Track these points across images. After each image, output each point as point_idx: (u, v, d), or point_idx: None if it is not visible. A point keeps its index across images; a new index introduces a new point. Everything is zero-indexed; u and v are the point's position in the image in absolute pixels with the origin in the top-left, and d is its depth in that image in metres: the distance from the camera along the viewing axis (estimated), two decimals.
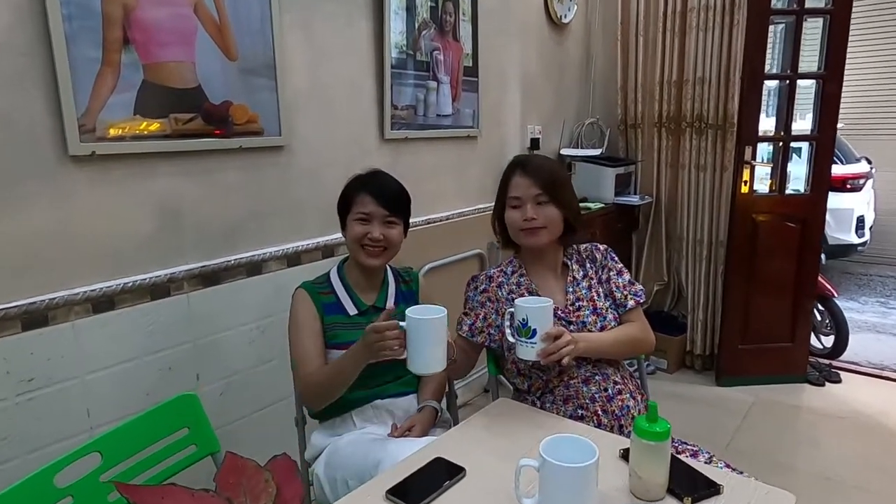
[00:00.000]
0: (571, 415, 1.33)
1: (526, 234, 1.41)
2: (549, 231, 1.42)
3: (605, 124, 3.37)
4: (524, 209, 1.40)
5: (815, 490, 2.18)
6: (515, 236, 1.45)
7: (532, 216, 1.39)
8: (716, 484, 0.98)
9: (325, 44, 1.94)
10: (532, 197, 1.40)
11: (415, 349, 1.12)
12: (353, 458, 1.28)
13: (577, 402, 1.35)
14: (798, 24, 2.67)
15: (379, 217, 1.40)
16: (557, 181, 1.43)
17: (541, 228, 1.40)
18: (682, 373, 3.20)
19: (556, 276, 1.49)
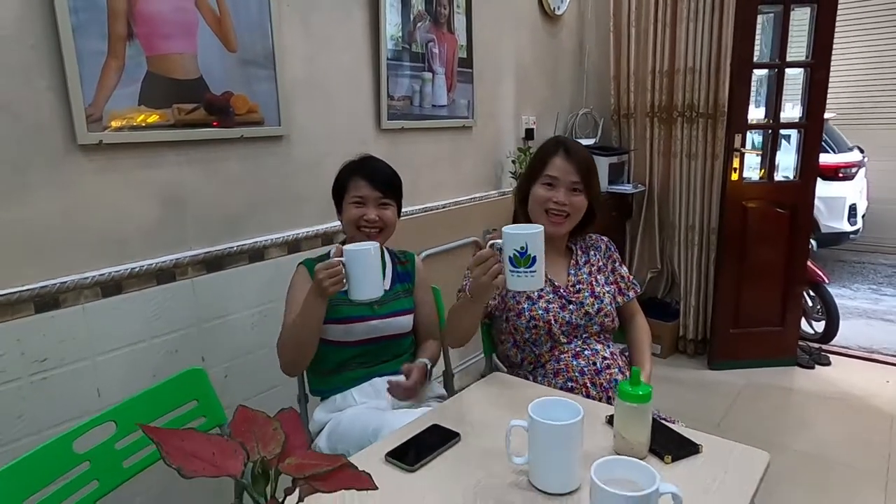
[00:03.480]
0: (562, 387, 1.40)
1: (552, 218, 1.45)
2: (572, 219, 1.47)
3: (599, 114, 3.43)
4: (557, 192, 1.44)
5: (803, 466, 2.25)
6: (537, 214, 1.48)
7: (564, 202, 1.44)
8: (695, 444, 1.05)
9: (322, 35, 1.99)
10: (569, 183, 1.44)
11: (352, 279, 1.22)
12: (353, 429, 1.34)
13: (567, 375, 1.41)
14: (786, 13, 2.72)
15: (373, 200, 1.46)
16: (593, 171, 1.48)
17: (567, 217, 1.45)
18: (675, 357, 3.27)
19: (560, 257, 1.55)
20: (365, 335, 1.45)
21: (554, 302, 1.47)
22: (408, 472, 1.01)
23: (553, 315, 1.45)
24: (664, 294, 3.45)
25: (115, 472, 1.06)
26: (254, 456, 0.63)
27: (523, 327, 1.46)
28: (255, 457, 0.63)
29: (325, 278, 1.23)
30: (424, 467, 1.02)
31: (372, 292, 1.23)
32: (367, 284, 1.22)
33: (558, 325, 1.46)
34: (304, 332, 1.34)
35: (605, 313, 1.51)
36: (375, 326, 1.46)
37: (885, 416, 2.58)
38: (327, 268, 1.23)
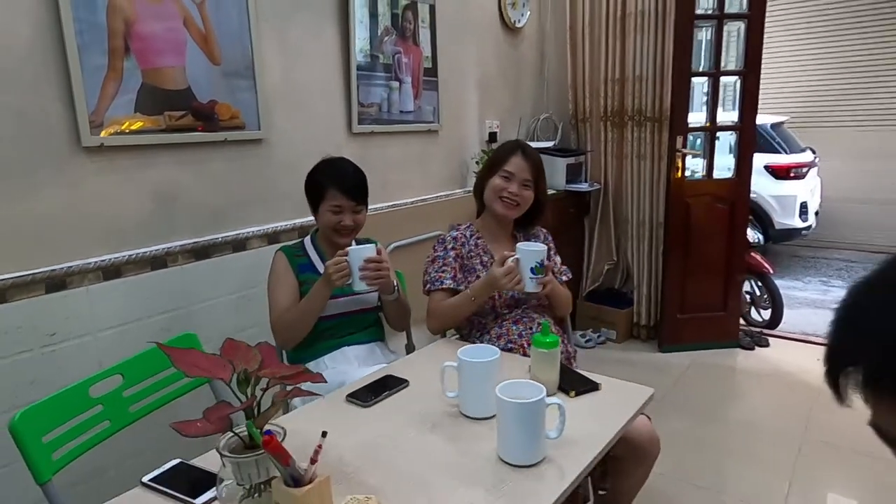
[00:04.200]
0: (503, 348, 1.64)
1: (504, 203, 1.73)
2: (521, 208, 1.76)
3: (558, 118, 3.70)
4: (512, 184, 1.73)
5: (738, 433, 2.53)
6: (492, 200, 1.76)
7: (517, 193, 1.72)
8: (595, 382, 1.30)
9: (297, 49, 2.23)
10: (522, 179, 1.73)
11: (355, 273, 1.52)
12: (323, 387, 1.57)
13: (508, 338, 1.67)
14: (719, 27, 3.02)
15: (349, 208, 1.70)
16: (542, 173, 1.80)
17: (516, 206, 1.74)
18: (629, 342, 3.55)
19: (507, 241, 1.81)
20: (335, 310, 1.69)
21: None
22: (363, 407, 1.25)
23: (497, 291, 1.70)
24: (620, 285, 3.73)
25: (123, 415, 1.29)
26: (239, 368, 0.87)
27: None
28: (239, 369, 0.87)
29: (334, 272, 1.50)
30: (377, 404, 1.27)
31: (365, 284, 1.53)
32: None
33: (501, 299, 1.71)
34: (309, 316, 1.60)
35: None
36: (345, 302, 1.70)
37: (811, 388, 2.87)
38: (336, 264, 1.51)
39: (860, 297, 0.47)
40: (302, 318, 1.61)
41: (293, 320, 1.61)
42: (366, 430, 1.18)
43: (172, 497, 0.96)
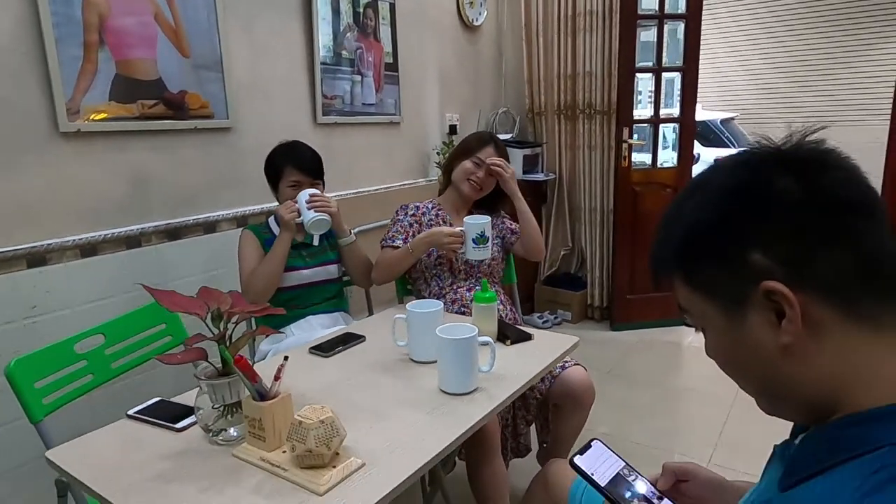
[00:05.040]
0: (456, 311, 1.83)
1: (471, 185, 1.93)
2: (482, 192, 1.97)
3: (516, 112, 3.91)
4: (481, 170, 1.93)
5: (674, 396, 2.76)
6: (461, 180, 1.95)
7: (483, 179, 1.92)
8: (529, 333, 1.49)
9: (263, 44, 2.37)
10: (494, 167, 1.92)
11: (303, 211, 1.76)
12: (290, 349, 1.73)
13: (461, 303, 1.85)
14: (660, 27, 3.25)
15: (306, 183, 1.86)
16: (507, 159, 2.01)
17: (481, 189, 1.94)
18: (584, 323, 3.77)
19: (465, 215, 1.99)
20: (300, 281, 1.85)
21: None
22: (324, 357, 1.42)
23: (455, 256, 1.89)
24: (576, 269, 3.95)
25: (105, 370, 1.43)
26: (212, 307, 1.03)
27: (432, 265, 1.90)
28: (213, 307, 1.03)
29: (285, 212, 1.75)
30: (337, 355, 1.43)
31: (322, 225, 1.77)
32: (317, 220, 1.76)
33: (458, 263, 1.90)
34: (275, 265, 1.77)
35: (493, 258, 1.95)
36: (308, 274, 1.86)
37: None
38: (286, 207, 1.75)
39: (670, 207, 0.65)
40: (269, 268, 1.75)
41: (261, 272, 1.76)
42: (326, 375, 1.34)
43: (155, 424, 1.11)
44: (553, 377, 1.73)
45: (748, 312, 0.57)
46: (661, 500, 0.80)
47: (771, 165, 0.57)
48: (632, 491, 0.79)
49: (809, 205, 0.54)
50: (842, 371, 0.54)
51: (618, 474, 0.81)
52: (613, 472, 0.81)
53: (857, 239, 0.54)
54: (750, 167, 0.58)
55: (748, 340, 0.58)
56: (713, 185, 0.60)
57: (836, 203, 0.54)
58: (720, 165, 0.61)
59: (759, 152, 0.59)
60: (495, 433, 1.56)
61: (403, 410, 1.15)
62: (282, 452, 0.97)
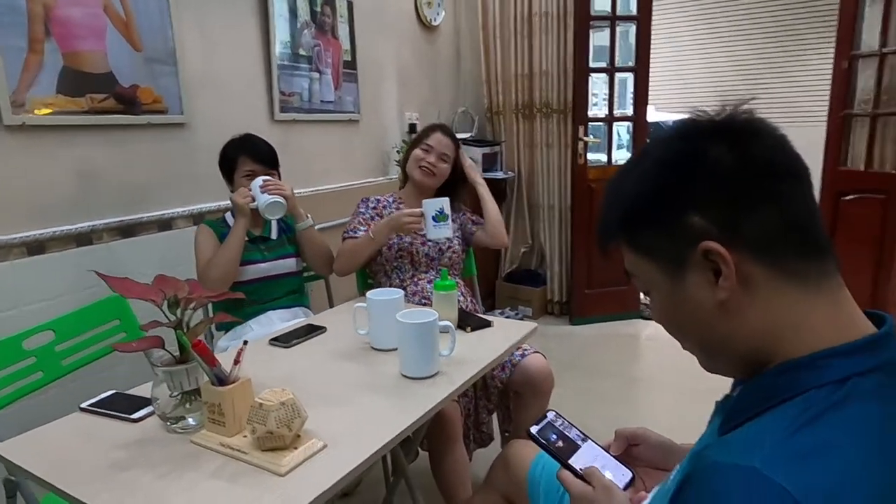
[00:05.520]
0: (417, 303, 1.84)
1: (422, 171, 1.95)
2: (436, 179, 1.97)
3: (475, 111, 3.95)
4: (430, 156, 1.95)
5: (632, 385, 2.84)
6: (412, 168, 1.97)
7: (434, 163, 1.95)
8: (488, 321, 1.52)
9: (218, 39, 2.34)
10: (440, 153, 1.96)
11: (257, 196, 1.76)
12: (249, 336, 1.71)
13: (422, 295, 1.86)
14: (612, 28, 3.35)
15: (261, 173, 1.84)
16: (459, 148, 2.05)
17: (433, 175, 1.95)
18: (544, 318, 3.84)
19: None
20: (257, 275, 1.83)
21: (417, 239, 1.94)
22: (285, 348, 1.41)
23: (415, 248, 1.92)
24: (536, 265, 4.01)
25: (56, 367, 1.38)
26: (169, 295, 1.02)
27: (392, 257, 1.91)
28: (170, 295, 1.01)
29: (239, 198, 1.74)
30: (298, 346, 1.43)
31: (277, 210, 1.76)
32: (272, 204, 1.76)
33: (419, 255, 1.92)
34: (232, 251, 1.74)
35: (453, 251, 1.98)
36: (266, 267, 1.84)
37: None
38: (240, 194, 1.75)
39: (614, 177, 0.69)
40: (226, 256, 1.72)
41: (218, 260, 1.73)
42: (287, 365, 1.34)
43: (110, 416, 1.09)
44: (514, 365, 1.76)
45: (688, 273, 0.60)
46: (617, 465, 0.83)
47: (707, 135, 0.60)
48: (585, 455, 0.82)
49: (742, 170, 0.58)
50: (772, 324, 0.58)
51: (573, 442, 0.84)
52: (568, 440, 0.84)
53: (785, 201, 0.58)
54: (687, 137, 0.62)
55: (689, 299, 0.61)
56: (653, 155, 0.64)
57: (766, 168, 0.58)
58: (660, 137, 0.65)
59: (696, 123, 0.62)
60: (457, 420, 1.58)
61: (365, 395, 1.16)
62: (242, 437, 0.96)
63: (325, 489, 0.84)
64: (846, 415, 0.52)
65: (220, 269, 1.71)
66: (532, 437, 0.84)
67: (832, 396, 0.53)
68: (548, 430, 0.85)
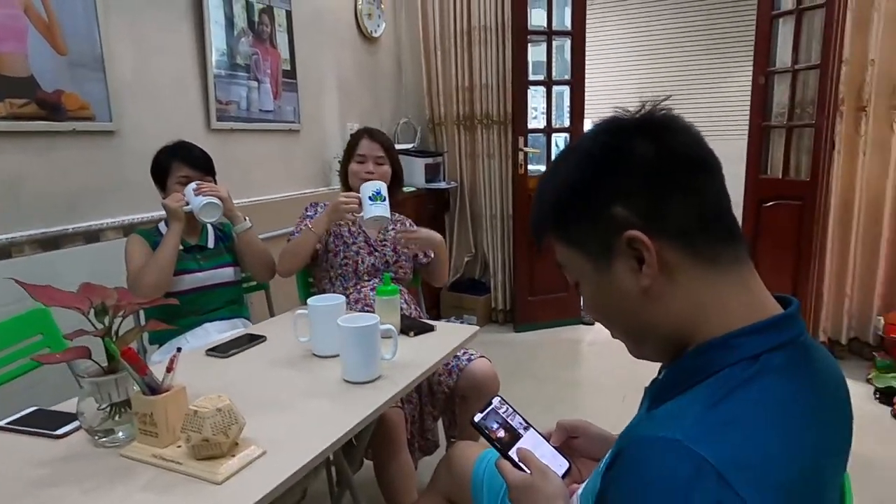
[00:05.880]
0: (360, 310, 1.83)
1: (364, 182, 1.89)
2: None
3: (417, 122, 3.98)
4: (367, 164, 1.93)
5: (575, 388, 2.92)
6: (355, 183, 1.93)
7: (373, 171, 1.93)
8: (431, 325, 1.53)
9: (150, 45, 2.27)
10: (375, 157, 1.95)
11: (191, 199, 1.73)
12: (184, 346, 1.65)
13: (365, 302, 1.85)
14: (549, 42, 3.46)
15: (196, 178, 1.79)
16: (392, 147, 2.03)
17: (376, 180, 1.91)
18: (489, 326, 3.88)
19: None
20: (193, 284, 1.77)
21: (364, 249, 1.93)
22: (223, 358, 1.37)
23: (361, 258, 1.91)
24: (480, 274, 4.06)
25: None
26: (97, 303, 0.97)
27: (338, 265, 1.90)
28: (97, 302, 0.97)
29: (172, 202, 1.70)
30: (236, 355, 1.39)
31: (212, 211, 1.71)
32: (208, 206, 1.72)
33: (364, 265, 1.91)
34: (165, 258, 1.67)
35: (399, 265, 1.98)
36: (203, 277, 1.79)
37: None
38: (173, 198, 1.71)
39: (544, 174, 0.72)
40: (159, 262, 1.66)
41: (150, 267, 1.66)
42: (225, 375, 1.30)
43: (31, 433, 1.03)
44: (460, 370, 1.77)
45: (614, 262, 0.63)
46: (555, 454, 0.85)
47: (628, 131, 0.64)
48: (526, 444, 0.84)
49: (661, 163, 0.62)
50: (691, 308, 0.62)
51: (515, 431, 0.86)
52: (511, 429, 0.85)
53: (701, 193, 0.62)
54: (611, 133, 0.65)
55: (615, 287, 0.64)
56: (580, 150, 0.67)
57: (683, 161, 0.62)
58: (586, 134, 0.68)
59: (619, 120, 0.66)
60: (400, 426, 1.57)
61: (306, 401, 1.14)
62: (176, 448, 0.93)
63: (264, 494, 0.82)
64: (758, 388, 0.56)
65: (152, 276, 1.64)
66: (475, 425, 0.85)
67: (745, 372, 0.57)
68: (491, 418, 0.87)
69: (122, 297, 0.99)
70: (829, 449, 0.59)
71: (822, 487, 0.56)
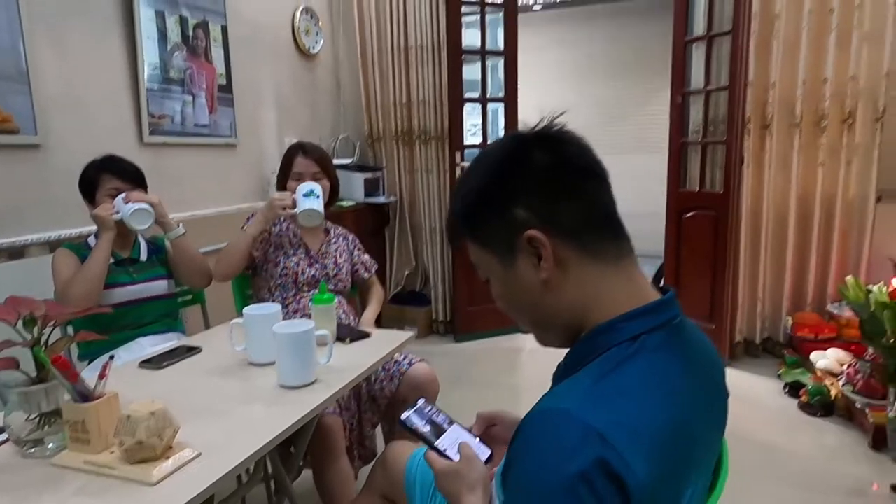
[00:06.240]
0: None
1: None
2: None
3: (356, 138, 4.03)
4: (304, 181, 1.94)
5: (515, 394, 3.02)
6: None
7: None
8: (367, 332, 1.58)
9: (79, 59, 2.23)
10: (311, 173, 1.97)
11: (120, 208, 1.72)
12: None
13: (304, 312, 1.88)
14: (483, 61, 3.60)
15: (126, 190, 1.78)
16: (328, 161, 2.06)
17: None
18: (430, 337, 3.95)
19: (319, 233, 2.06)
20: (126, 297, 1.75)
21: (304, 260, 1.96)
22: (157, 370, 1.37)
23: (301, 269, 1.94)
24: (421, 287, 4.12)
25: None
26: (25, 314, 0.98)
27: (277, 275, 1.92)
28: (25, 314, 0.97)
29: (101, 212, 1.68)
30: (170, 367, 1.39)
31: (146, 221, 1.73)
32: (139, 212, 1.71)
33: (304, 276, 1.94)
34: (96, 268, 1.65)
35: (339, 278, 2.02)
36: (135, 290, 1.77)
37: None
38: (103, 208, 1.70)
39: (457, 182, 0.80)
40: (89, 272, 1.63)
41: (80, 277, 1.63)
42: (159, 386, 1.30)
43: None
44: (401, 374, 1.82)
45: (517, 259, 0.71)
46: (479, 444, 0.92)
47: (528, 141, 0.73)
48: (451, 437, 0.90)
49: (556, 170, 0.70)
50: (583, 297, 0.71)
51: (440, 426, 0.92)
52: (436, 424, 0.92)
53: (590, 196, 0.71)
54: (513, 144, 0.74)
55: (519, 281, 0.72)
56: (485, 160, 0.75)
57: (575, 169, 0.71)
58: (491, 145, 0.77)
59: (521, 133, 0.75)
60: (338, 432, 1.61)
61: (241, 406, 1.17)
62: (109, 454, 0.94)
63: (197, 493, 0.85)
64: (637, 363, 0.65)
65: (81, 288, 1.60)
66: (401, 422, 0.91)
67: (627, 351, 0.66)
68: (417, 415, 0.93)
69: (50, 309, 1.00)
70: (699, 408, 0.69)
71: (692, 440, 0.65)
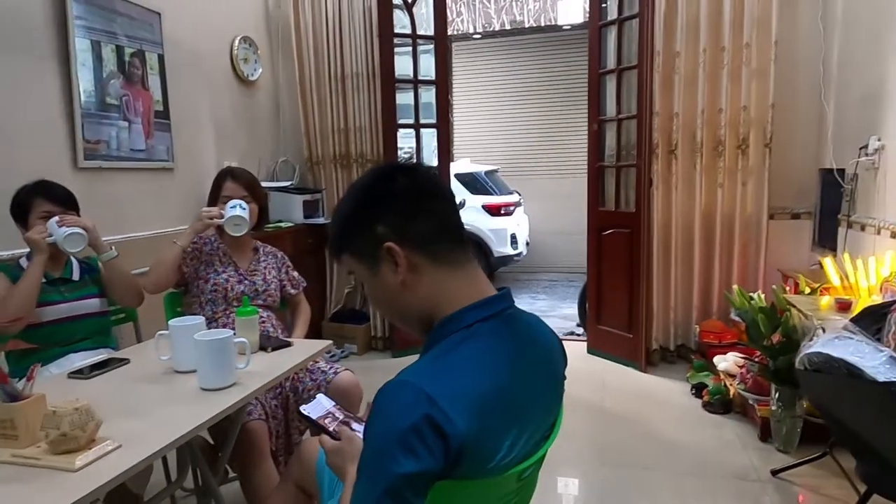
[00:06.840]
0: None
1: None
2: (250, 221, 2.10)
3: (295, 161, 4.17)
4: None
5: None
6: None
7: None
8: (289, 341, 1.72)
9: (11, 86, 2.30)
10: (240, 196, 2.11)
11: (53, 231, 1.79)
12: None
13: (233, 327, 1.98)
14: (416, 89, 3.82)
15: (58, 213, 1.87)
16: (256, 185, 2.21)
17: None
18: (369, 353, 4.07)
19: (248, 250, 2.20)
20: (57, 315, 1.82)
21: (234, 277, 2.08)
22: (85, 379, 1.47)
23: (231, 285, 2.06)
24: (360, 305, 4.25)
25: None
26: None
27: (208, 291, 2.03)
28: None
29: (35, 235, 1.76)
30: (99, 377, 1.50)
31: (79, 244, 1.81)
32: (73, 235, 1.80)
33: (234, 292, 2.05)
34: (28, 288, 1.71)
35: (268, 293, 2.14)
36: (66, 308, 1.85)
37: None
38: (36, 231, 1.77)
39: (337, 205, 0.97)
40: (21, 292, 1.69)
41: (11, 296, 1.68)
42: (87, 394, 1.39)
43: None
44: (328, 382, 1.95)
45: (380, 266, 0.89)
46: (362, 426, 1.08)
47: (390, 171, 0.91)
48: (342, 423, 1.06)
49: (408, 194, 0.89)
50: (433, 294, 0.88)
51: (334, 415, 1.08)
52: (331, 414, 1.07)
53: (437, 213, 0.89)
54: (379, 173, 0.92)
55: (383, 283, 0.90)
56: (357, 186, 0.93)
57: (424, 192, 0.90)
58: (364, 174, 0.95)
59: (382, 166, 0.93)
60: (263, 437, 1.73)
61: (164, 408, 1.29)
62: (36, 447, 1.05)
63: (116, 474, 0.98)
64: (469, 347, 0.83)
65: (12, 308, 1.67)
66: (300, 413, 1.06)
67: (461, 335, 0.84)
68: (314, 408, 1.08)
69: None
70: (525, 379, 0.87)
71: (514, 403, 0.83)
